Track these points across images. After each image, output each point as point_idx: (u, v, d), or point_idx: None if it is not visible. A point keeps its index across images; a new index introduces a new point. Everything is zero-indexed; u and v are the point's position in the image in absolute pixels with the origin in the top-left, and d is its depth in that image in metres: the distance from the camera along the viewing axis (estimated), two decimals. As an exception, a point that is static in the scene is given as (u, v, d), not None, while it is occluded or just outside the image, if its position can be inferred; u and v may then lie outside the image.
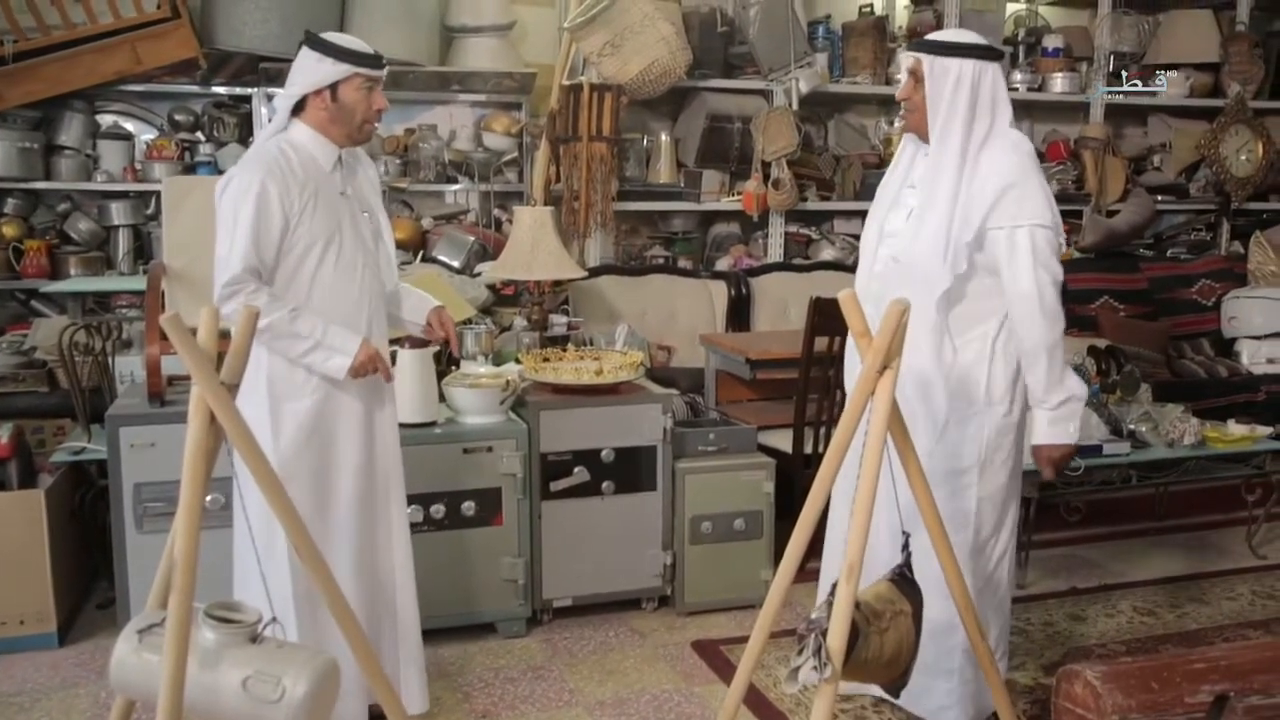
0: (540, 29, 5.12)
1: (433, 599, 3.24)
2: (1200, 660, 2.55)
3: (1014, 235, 2.51)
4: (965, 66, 2.56)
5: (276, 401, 2.48)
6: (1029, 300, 2.50)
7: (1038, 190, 2.53)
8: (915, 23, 5.57)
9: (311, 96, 2.49)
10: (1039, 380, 2.54)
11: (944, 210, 2.55)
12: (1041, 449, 2.59)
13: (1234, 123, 5.93)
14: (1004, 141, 2.58)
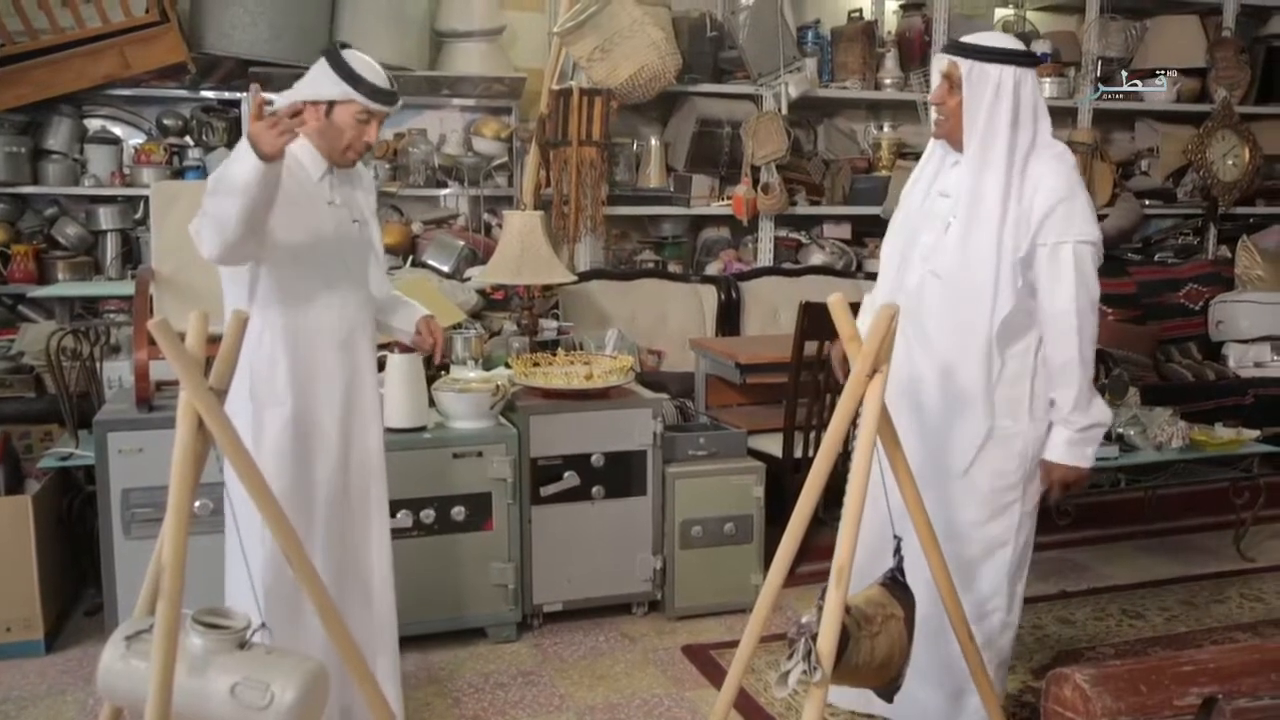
0: (530, 33, 5.12)
1: (422, 604, 3.24)
2: (1188, 663, 2.56)
3: (1058, 251, 2.44)
4: (1005, 73, 2.46)
5: (259, 407, 2.46)
6: (1066, 318, 2.45)
7: (1084, 205, 2.48)
8: (904, 27, 5.58)
9: (309, 105, 2.49)
10: (1067, 400, 2.49)
11: (993, 228, 2.46)
12: (1055, 468, 2.54)
13: (1220, 128, 5.96)
14: (1049, 153, 2.50)
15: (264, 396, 2.46)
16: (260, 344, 2.43)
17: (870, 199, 5.39)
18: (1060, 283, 2.45)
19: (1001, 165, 2.46)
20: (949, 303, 2.52)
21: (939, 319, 2.56)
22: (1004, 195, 2.46)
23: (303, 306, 2.48)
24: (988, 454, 2.58)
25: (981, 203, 2.48)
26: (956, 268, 2.51)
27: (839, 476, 2.28)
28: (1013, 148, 2.46)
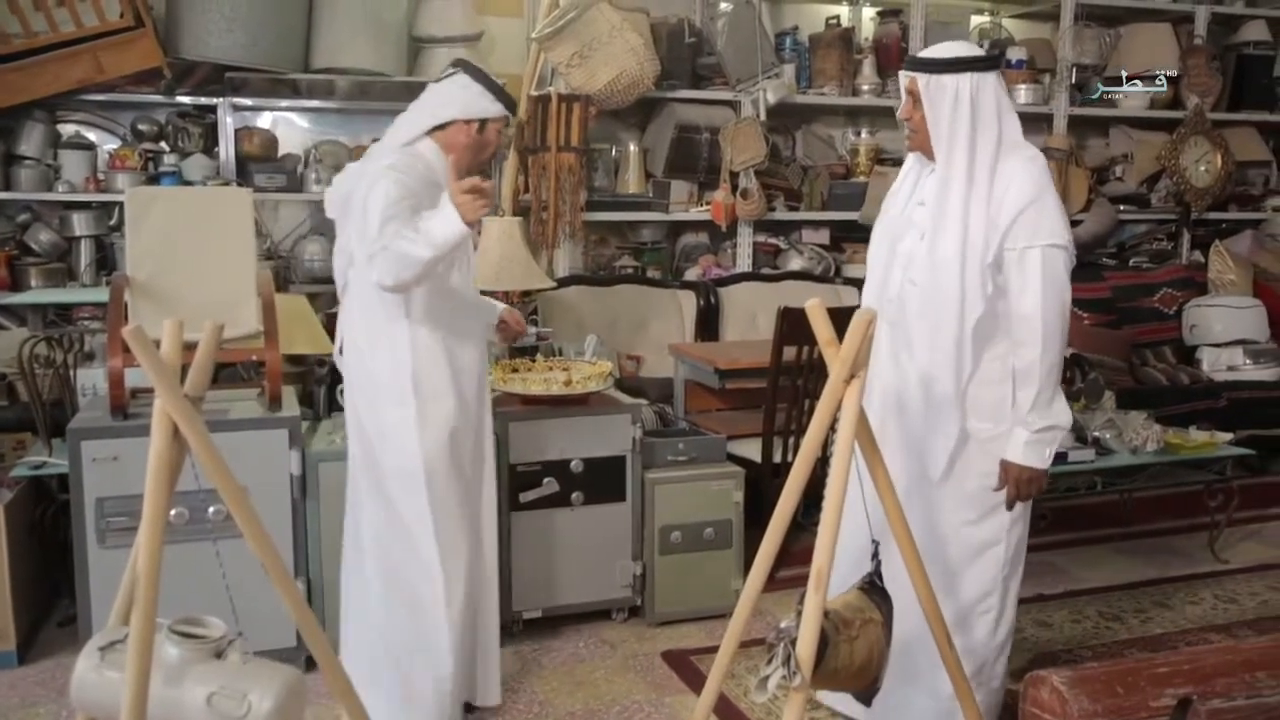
0: (508, 39, 5.11)
1: (401, 612, 3.22)
2: (1164, 664, 2.57)
3: (1025, 256, 2.46)
4: (962, 81, 2.49)
5: (422, 402, 2.65)
6: (1031, 322, 2.47)
7: (1053, 209, 2.48)
8: (881, 34, 5.62)
9: (461, 122, 2.69)
10: (1027, 400, 2.50)
11: (955, 232, 2.49)
12: (1011, 467, 2.55)
13: (1193, 134, 6.02)
14: (1020, 155, 2.52)
15: (427, 393, 2.66)
16: (422, 347, 2.65)
17: (848, 204, 5.42)
18: (1027, 287, 2.47)
19: (968, 170, 2.49)
20: (925, 308, 2.55)
21: (918, 325, 2.58)
22: (969, 200, 2.48)
23: (456, 311, 2.73)
24: (971, 456, 2.59)
25: (948, 209, 2.50)
26: (929, 274, 2.54)
27: (818, 481, 2.29)
28: (975, 151, 2.48)
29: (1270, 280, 5.88)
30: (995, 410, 2.56)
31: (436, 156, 2.68)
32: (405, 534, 2.69)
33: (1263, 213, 6.42)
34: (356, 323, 2.73)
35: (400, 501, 2.68)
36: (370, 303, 2.66)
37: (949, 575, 2.63)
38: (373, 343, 2.69)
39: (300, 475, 3.11)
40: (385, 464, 2.69)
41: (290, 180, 4.60)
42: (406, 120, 2.76)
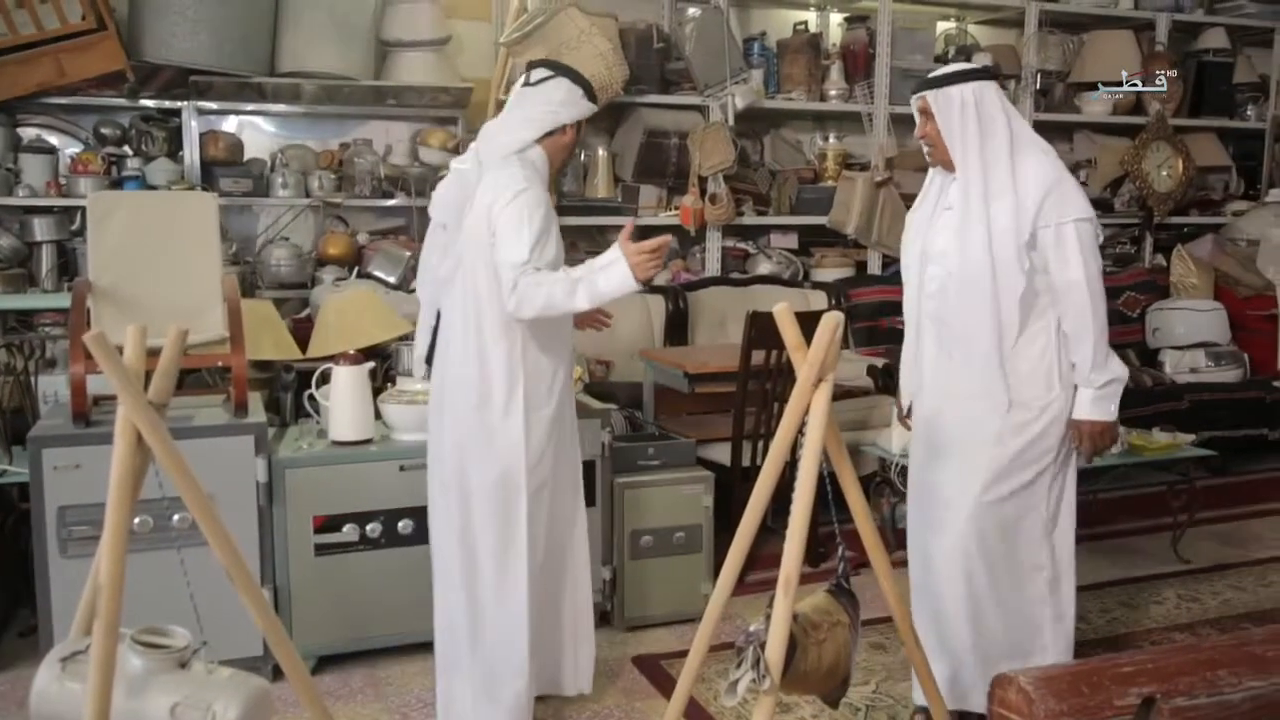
0: (476, 43, 5.10)
1: (369, 619, 3.21)
2: (1128, 664, 2.60)
3: (1061, 230, 2.66)
4: (965, 90, 2.72)
5: (530, 410, 2.71)
6: (1078, 287, 2.67)
7: (1074, 189, 2.72)
8: (849, 40, 5.65)
9: (567, 126, 2.78)
10: (1085, 360, 2.71)
11: (982, 219, 2.69)
12: (1083, 424, 2.74)
13: (1155, 139, 6.10)
14: (1035, 149, 2.74)
15: (536, 400, 2.72)
16: (533, 356, 2.71)
17: (817, 209, 5.45)
18: (1069, 259, 2.67)
19: (983, 168, 2.70)
20: (963, 295, 2.74)
21: (959, 312, 2.76)
22: (988, 191, 2.69)
23: (562, 321, 2.78)
24: (1018, 422, 2.74)
25: (972, 203, 2.71)
26: (963, 263, 2.73)
27: (787, 485, 2.30)
28: (988, 150, 2.70)
29: (1231, 284, 5.96)
30: (1046, 379, 2.74)
31: (541, 160, 2.75)
32: (499, 536, 2.72)
33: (1223, 217, 6.52)
34: (462, 329, 2.71)
35: (497, 505, 2.71)
36: (483, 310, 2.67)
37: (1003, 542, 2.78)
38: (482, 350, 2.68)
39: (267, 482, 3.08)
40: (485, 469, 2.70)
41: (256, 184, 4.57)
42: (509, 127, 2.77)
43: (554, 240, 2.64)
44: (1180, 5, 6.35)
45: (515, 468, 2.69)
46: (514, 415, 2.68)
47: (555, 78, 2.76)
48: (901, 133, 5.83)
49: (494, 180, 2.65)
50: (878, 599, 2.99)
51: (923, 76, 2.87)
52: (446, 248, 2.78)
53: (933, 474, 2.84)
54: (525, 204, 2.58)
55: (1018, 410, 2.75)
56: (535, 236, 2.56)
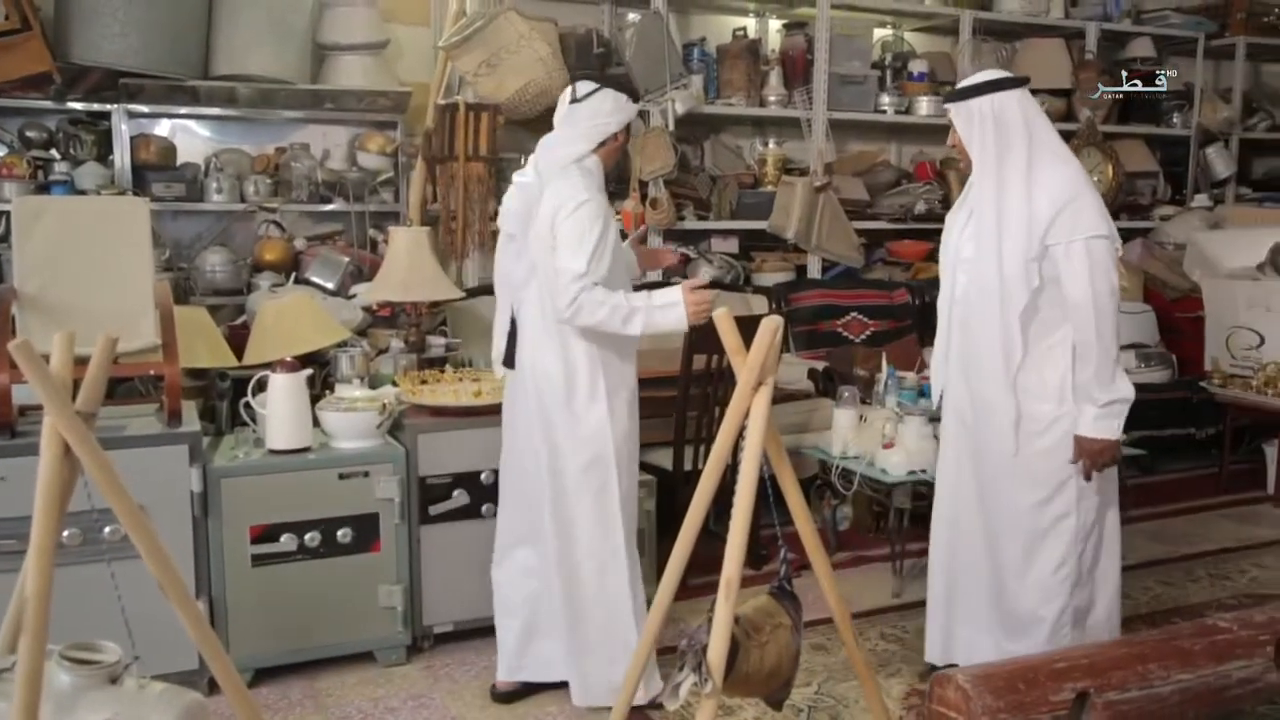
0: (415, 47, 5.07)
1: (308, 629, 3.17)
2: (1063, 660, 2.66)
3: (1070, 248, 2.73)
4: (983, 103, 2.81)
5: (611, 395, 2.92)
6: (1084, 308, 2.73)
7: (1091, 204, 2.76)
8: (787, 46, 5.71)
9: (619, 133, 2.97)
10: (1089, 377, 2.76)
11: (993, 232, 2.79)
12: (1084, 441, 2.80)
13: (1086, 145, 6.23)
14: (1056, 160, 2.81)
15: (615, 385, 2.93)
16: (609, 346, 2.91)
17: (757, 213, 5.48)
18: (1076, 277, 2.73)
19: (998, 177, 2.80)
20: (979, 305, 2.86)
21: (978, 321, 2.88)
22: (1002, 204, 2.78)
23: None
24: (1034, 435, 2.85)
25: (985, 214, 2.82)
26: (979, 274, 2.85)
27: (728, 488, 2.31)
28: (1005, 161, 2.79)
29: (1159, 286, 6.11)
30: (1059, 392, 2.82)
31: (597, 166, 2.94)
32: (596, 516, 2.93)
33: (1151, 221, 6.68)
34: (543, 328, 2.91)
35: (595, 486, 2.92)
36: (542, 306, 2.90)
37: (1028, 550, 2.91)
38: (565, 346, 2.89)
39: (201, 492, 3.03)
40: (579, 455, 2.91)
41: (190, 189, 4.48)
42: (565, 140, 2.94)
43: (609, 251, 2.81)
44: (1108, 15, 6.51)
45: (605, 450, 2.92)
46: (599, 401, 2.90)
47: (601, 90, 2.93)
48: (840, 138, 5.91)
49: (557, 190, 2.83)
50: (819, 600, 3.02)
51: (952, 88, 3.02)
52: (518, 255, 2.99)
53: (957, 470, 3.04)
54: (586, 215, 2.77)
55: (1028, 422, 2.85)
56: (593, 248, 2.75)
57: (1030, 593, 2.94)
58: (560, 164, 2.89)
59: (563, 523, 2.94)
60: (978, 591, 3.05)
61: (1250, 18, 7.06)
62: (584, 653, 2.98)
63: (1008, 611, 2.99)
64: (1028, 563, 2.94)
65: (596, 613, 2.97)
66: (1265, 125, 7.31)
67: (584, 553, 2.95)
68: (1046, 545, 2.91)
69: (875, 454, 3.85)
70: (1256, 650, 2.82)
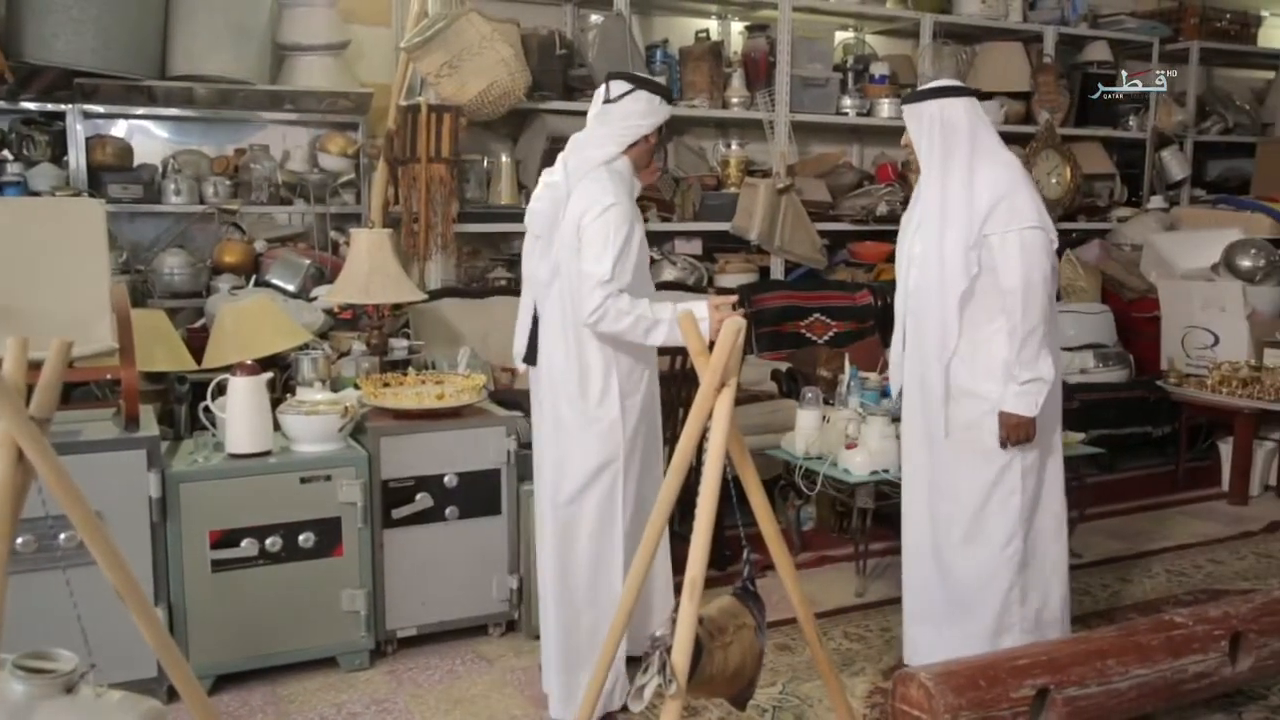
0: (376, 48, 5.04)
1: (270, 635, 3.14)
2: (1023, 656, 2.69)
3: (1006, 238, 2.92)
4: (931, 106, 3.02)
5: (624, 398, 2.92)
6: (1014, 292, 2.90)
7: (1026, 198, 2.95)
8: (750, 48, 5.73)
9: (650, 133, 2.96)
10: (1013, 357, 2.93)
11: (936, 225, 2.99)
12: (1001, 414, 2.96)
13: (1044, 148, 6.31)
14: (993, 162, 3.00)
15: (628, 389, 2.93)
16: (624, 350, 2.89)
17: (720, 215, 5.50)
18: (1009, 265, 2.91)
19: (942, 176, 2.99)
20: (929, 298, 3.03)
21: (925, 310, 3.05)
22: (945, 199, 2.97)
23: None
24: (983, 415, 3.00)
25: (929, 209, 3.01)
26: (926, 263, 3.03)
27: (692, 490, 2.31)
28: (949, 161, 2.99)
29: (1116, 287, 6.20)
30: (1002, 376, 2.97)
31: (627, 168, 2.94)
32: (600, 514, 2.93)
33: (1108, 223, 6.78)
34: (560, 328, 2.93)
35: (603, 485, 2.92)
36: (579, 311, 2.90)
37: (975, 525, 3.05)
38: (580, 347, 2.90)
39: (160, 497, 2.99)
40: (588, 453, 2.92)
41: (147, 191, 4.43)
42: (596, 141, 2.93)
43: (634, 255, 2.82)
44: (1066, 19, 6.59)
45: (615, 452, 2.91)
46: (610, 404, 2.90)
47: (634, 91, 2.91)
48: (802, 140, 5.94)
49: (585, 191, 2.83)
50: (783, 601, 3.04)
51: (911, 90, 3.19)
52: (543, 255, 2.97)
53: (910, 457, 3.20)
54: (612, 220, 2.76)
55: (972, 402, 3.01)
56: (618, 253, 2.76)
57: (977, 570, 3.06)
58: (590, 165, 2.88)
59: (564, 522, 2.95)
60: (930, 578, 3.16)
61: (1203, 22, 7.19)
62: (570, 660, 2.95)
63: (955, 592, 3.10)
64: (975, 540, 3.06)
65: (586, 618, 2.94)
66: (1218, 128, 7.45)
67: (581, 554, 2.94)
68: (994, 523, 3.04)
69: (838, 454, 3.87)
70: (1211, 645, 2.87)
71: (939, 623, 3.15)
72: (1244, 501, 5.17)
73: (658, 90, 2.96)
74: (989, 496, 3.04)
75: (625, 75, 2.96)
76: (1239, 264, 5.70)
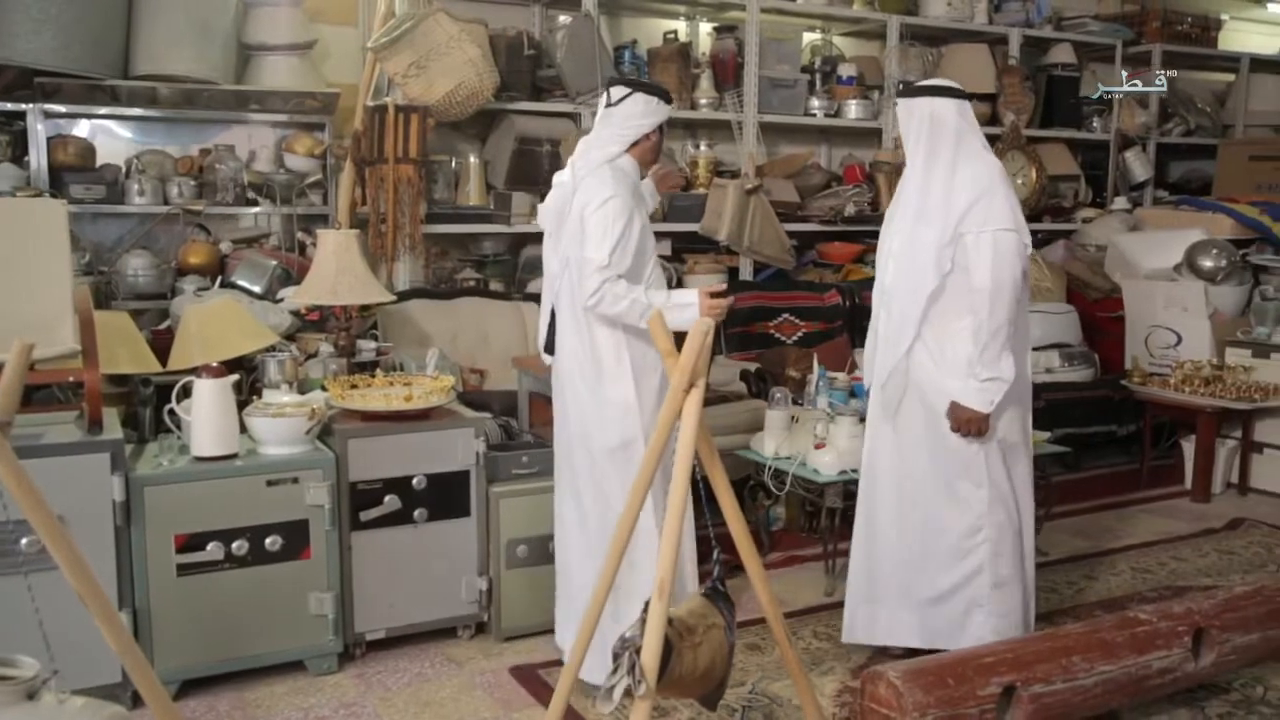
0: (343, 48, 5.00)
1: (237, 639, 3.12)
2: (989, 654, 2.71)
3: (979, 238, 2.99)
4: (922, 103, 3.11)
5: (638, 378, 3.04)
6: (983, 292, 2.99)
7: (1003, 201, 3.03)
8: (718, 49, 5.74)
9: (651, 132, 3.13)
10: (975, 355, 3.01)
11: (911, 222, 3.08)
12: (957, 407, 3.05)
13: (1010, 149, 6.36)
14: (976, 160, 3.08)
15: (642, 369, 3.05)
16: (635, 331, 3.00)
17: (689, 216, 5.50)
18: (980, 264, 2.99)
19: (925, 173, 3.08)
20: (903, 292, 3.11)
21: (898, 303, 3.13)
22: (926, 196, 3.06)
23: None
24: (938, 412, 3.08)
25: (910, 205, 3.10)
26: (902, 258, 3.12)
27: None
28: (933, 158, 3.08)
29: (1081, 287, 6.26)
30: (966, 372, 3.04)
31: (631, 165, 3.13)
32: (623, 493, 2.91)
33: (1073, 224, 6.85)
34: (571, 316, 3.09)
35: (622, 465, 3.01)
36: None
37: (944, 512, 3.15)
38: (591, 333, 3.05)
39: (124, 501, 2.95)
40: (607, 435, 3.04)
41: (110, 191, 4.37)
42: (599, 143, 3.13)
43: (633, 243, 2.98)
44: (1030, 21, 6.66)
45: (633, 432, 3.03)
46: (623, 384, 3.04)
47: (633, 94, 3.11)
48: (770, 141, 5.96)
49: (587, 186, 3.04)
50: (753, 600, 3.05)
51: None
52: (554, 249, 3.19)
53: (878, 448, 3.26)
54: (611, 210, 2.95)
55: (941, 397, 3.08)
56: (616, 241, 2.94)
57: (946, 557, 3.15)
58: (594, 164, 3.08)
59: (601, 503, 3.06)
60: (896, 566, 3.24)
61: (1165, 25, 7.29)
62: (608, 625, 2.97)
63: (926, 580, 3.19)
64: (943, 529, 3.15)
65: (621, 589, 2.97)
66: (1180, 130, 7.55)
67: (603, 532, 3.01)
68: (960, 511, 3.13)
69: (807, 454, 3.89)
70: (1175, 641, 2.91)
71: (908, 605, 3.23)
72: (1206, 499, 5.24)
73: (654, 91, 3.14)
74: (955, 487, 3.12)
75: (625, 80, 3.19)
76: (1201, 264, 5.78)
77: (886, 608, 3.27)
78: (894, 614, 3.26)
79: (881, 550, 3.27)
